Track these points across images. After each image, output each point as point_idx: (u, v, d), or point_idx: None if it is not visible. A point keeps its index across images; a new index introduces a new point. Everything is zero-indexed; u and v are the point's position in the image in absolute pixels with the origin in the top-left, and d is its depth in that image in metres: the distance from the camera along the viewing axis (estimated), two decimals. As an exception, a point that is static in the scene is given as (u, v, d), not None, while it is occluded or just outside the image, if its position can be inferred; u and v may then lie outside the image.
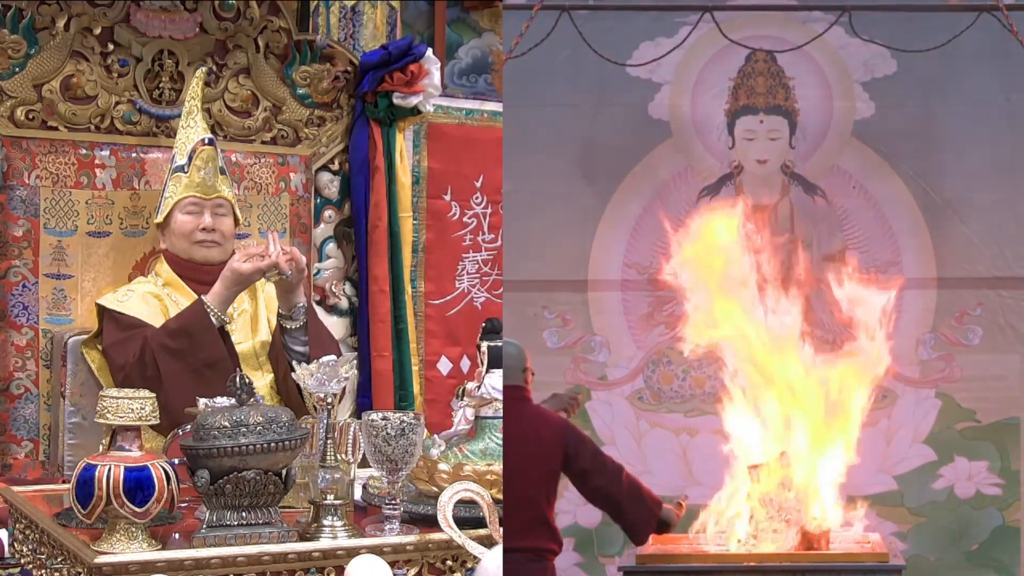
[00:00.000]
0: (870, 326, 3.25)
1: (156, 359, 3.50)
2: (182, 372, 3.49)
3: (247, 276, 3.61)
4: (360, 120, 4.43)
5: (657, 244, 3.31)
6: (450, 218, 4.84)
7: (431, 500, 2.75)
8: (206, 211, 3.73)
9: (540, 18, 3.04)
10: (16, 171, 3.90)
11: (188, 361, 3.52)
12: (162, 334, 3.56)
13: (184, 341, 3.54)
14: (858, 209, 3.31)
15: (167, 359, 3.51)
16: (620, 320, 3.32)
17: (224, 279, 3.61)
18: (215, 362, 3.53)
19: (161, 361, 3.50)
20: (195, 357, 3.53)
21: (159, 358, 3.51)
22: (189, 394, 3.22)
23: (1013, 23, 3.00)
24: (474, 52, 5.43)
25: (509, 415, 2.79)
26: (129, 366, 3.52)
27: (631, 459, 3.29)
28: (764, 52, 3.26)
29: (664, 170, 3.30)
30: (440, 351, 4.84)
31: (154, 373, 3.47)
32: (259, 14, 4.21)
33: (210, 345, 3.55)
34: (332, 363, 2.81)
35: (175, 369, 3.49)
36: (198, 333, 3.56)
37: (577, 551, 3.31)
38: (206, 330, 3.56)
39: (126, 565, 2.45)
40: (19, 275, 3.90)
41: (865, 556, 2.77)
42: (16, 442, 3.89)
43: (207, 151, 3.74)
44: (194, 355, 3.53)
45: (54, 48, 3.94)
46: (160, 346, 3.53)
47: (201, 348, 3.54)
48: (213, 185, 3.74)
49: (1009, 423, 3.30)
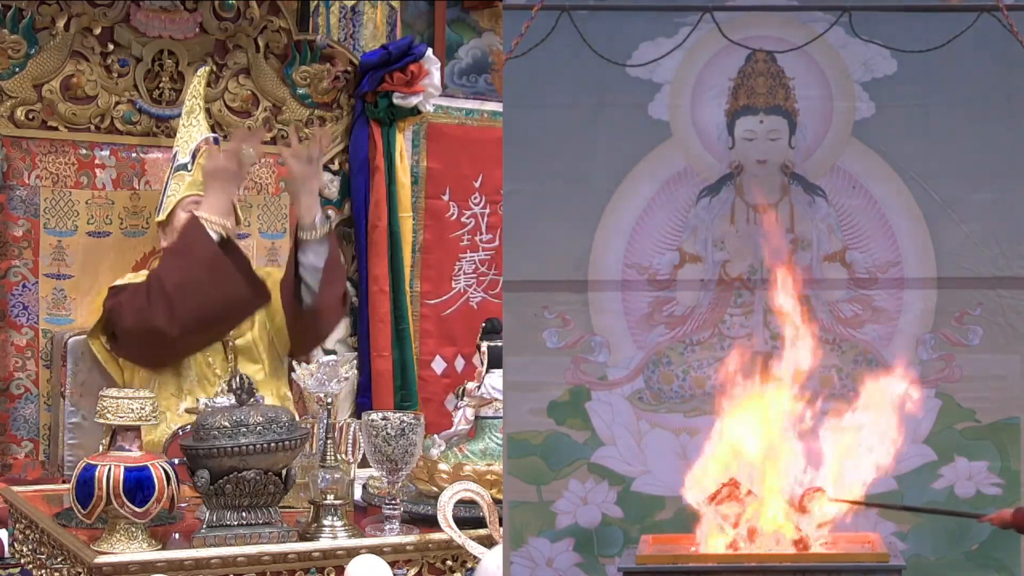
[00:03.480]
0: (870, 326, 3.26)
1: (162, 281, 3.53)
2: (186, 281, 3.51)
3: (220, 168, 3.62)
4: (360, 120, 4.44)
5: (657, 244, 3.31)
6: (448, 218, 4.85)
7: (431, 500, 2.76)
8: (207, 211, 3.73)
9: (540, 18, 3.04)
10: (16, 171, 3.91)
11: (190, 269, 3.53)
12: (164, 256, 3.66)
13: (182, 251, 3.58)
14: (858, 209, 3.30)
15: (171, 274, 3.54)
16: (620, 320, 3.31)
17: (207, 187, 3.65)
18: (213, 263, 3.54)
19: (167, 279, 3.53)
20: (194, 260, 3.54)
21: (164, 278, 3.53)
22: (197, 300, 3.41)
23: (1013, 23, 3.00)
24: (474, 52, 5.43)
25: None
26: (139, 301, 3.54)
27: (631, 459, 3.30)
28: (764, 52, 3.25)
29: (664, 170, 3.30)
30: (435, 351, 4.85)
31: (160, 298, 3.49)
32: (259, 14, 4.21)
33: (205, 248, 3.55)
34: (332, 363, 2.81)
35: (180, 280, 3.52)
36: (192, 240, 3.57)
37: (577, 551, 3.31)
38: (199, 237, 3.56)
39: (126, 565, 2.45)
40: (19, 275, 3.90)
41: (865, 556, 2.77)
42: (16, 442, 3.89)
43: (212, 150, 3.75)
44: (192, 259, 3.54)
45: (54, 48, 3.94)
46: (163, 267, 3.59)
47: (198, 253, 3.55)
48: (214, 184, 3.74)
49: (1009, 423, 3.30)
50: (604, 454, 3.33)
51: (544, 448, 3.31)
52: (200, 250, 3.54)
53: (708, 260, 3.31)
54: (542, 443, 3.31)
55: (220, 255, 3.56)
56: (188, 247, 3.56)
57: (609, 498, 3.32)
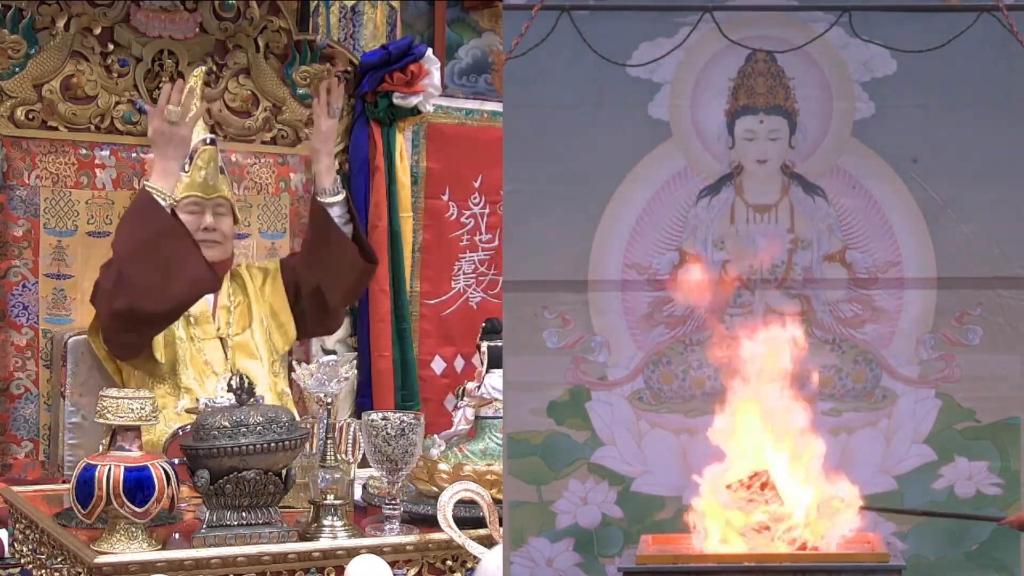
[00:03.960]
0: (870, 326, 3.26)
1: (120, 253, 3.51)
2: (141, 248, 3.48)
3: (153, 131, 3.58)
4: (360, 120, 4.44)
5: (657, 244, 3.31)
6: (448, 218, 4.85)
7: (431, 500, 2.75)
8: (207, 211, 3.72)
9: (540, 18, 3.04)
10: (16, 171, 3.91)
11: (145, 235, 3.50)
12: (118, 229, 3.62)
13: (136, 220, 3.55)
14: (858, 209, 3.30)
15: (126, 244, 3.51)
16: (620, 320, 3.31)
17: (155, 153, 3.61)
18: (167, 229, 3.51)
19: (122, 250, 3.50)
20: (148, 228, 3.51)
21: (120, 249, 3.51)
22: (153, 265, 3.38)
23: (1013, 23, 3.00)
24: (474, 52, 5.43)
25: None
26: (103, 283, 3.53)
27: (631, 459, 3.30)
28: (764, 52, 3.25)
29: (664, 170, 3.30)
30: (434, 351, 4.85)
31: (121, 268, 3.47)
32: (259, 14, 4.22)
33: (157, 215, 3.51)
34: (332, 363, 2.81)
35: (134, 249, 3.49)
36: (144, 207, 3.53)
37: (577, 551, 3.32)
38: (151, 204, 3.51)
39: (126, 565, 2.45)
40: (19, 275, 3.90)
41: (865, 556, 2.77)
42: (16, 442, 3.89)
43: (209, 151, 3.74)
44: (147, 227, 3.51)
45: (54, 48, 3.94)
46: (120, 241, 3.55)
47: (152, 219, 3.51)
48: (214, 185, 3.74)
49: (1009, 423, 3.30)
50: (604, 454, 3.33)
51: (544, 448, 3.31)
52: (157, 223, 3.51)
53: (708, 260, 3.31)
54: (542, 443, 3.31)
55: (176, 225, 3.53)
56: (144, 217, 3.53)
57: (609, 498, 3.32)
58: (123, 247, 3.50)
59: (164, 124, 3.54)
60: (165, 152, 3.56)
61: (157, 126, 3.55)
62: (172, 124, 3.54)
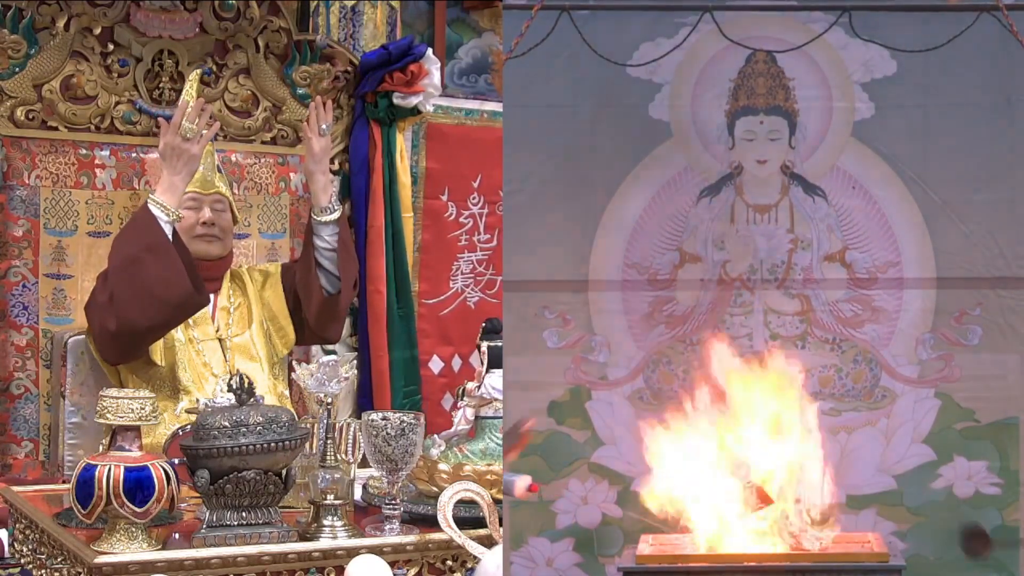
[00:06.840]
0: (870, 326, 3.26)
1: (111, 265, 3.49)
2: (125, 264, 3.46)
3: (165, 145, 3.55)
4: (360, 120, 4.44)
5: (657, 244, 3.31)
6: (446, 218, 4.85)
7: (431, 500, 2.76)
8: (205, 206, 3.72)
9: (540, 18, 3.04)
10: (16, 171, 3.91)
11: (132, 250, 3.48)
12: (114, 240, 3.58)
13: (129, 233, 3.54)
14: (858, 209, 3.30)
15: (116, 257, 3.49)
16: (620, 320, 3.31)
17: (164, 166, 3.57)
18: (154, 246, 3.48)
19: (112, 263, 3.49)
20: (138, 244, 3.48)
21: (111, 262, 3.49)
22: (138, 283, 3.33)
23: (1013, 23, 3.00)
24: (474, 52, 5.43)
25: None
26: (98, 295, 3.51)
27: (631, 459, 3.29)
28: (764, 53, 3.25)
29: (664, 170, 3.30)
30: (432, 350, 4.85)
31: (111, 284, 3.45)
32: (259, 14, 4.22)
33: (149, 231, 3.49)
34: (332, 363, 2.81)
35: (120, 264, 3.47)
36: (139, 221, 3.52)
37: (577, 551, 3.32)
38: (147, 219, 3.50)
39: (126, 565, 2.45)
40: (19, 275, 3.91)
41: (865, 556, 2.77)
42: (16, 442, 3.90)
43: (205, 148, 3.74)
44: (137, 242, 3.49)
45: (54, 48, 3.95)
46: (112, 253, 3.53)
47: (142, 235, 3.49)
48: (211, 180, 3.74)
49: (1008, 423, 3.30)
50: (604, 454, 3.33)
51: (544, 448, 3.31)
52: (148, 239, 3.48)
53: (708, 260, 3.31)
54: (542, 443, 3.31)
55: (167, 244, 3.49)
56: (138, 230, 3.52)
57: (609, 498, 3.32)
58: (114, 260, 3.51)
59: (177, 139, 3.54)
60: (175, 167, 3.55)
61: (170, 140, 3.54)
62: (186, 141, 3.54)
